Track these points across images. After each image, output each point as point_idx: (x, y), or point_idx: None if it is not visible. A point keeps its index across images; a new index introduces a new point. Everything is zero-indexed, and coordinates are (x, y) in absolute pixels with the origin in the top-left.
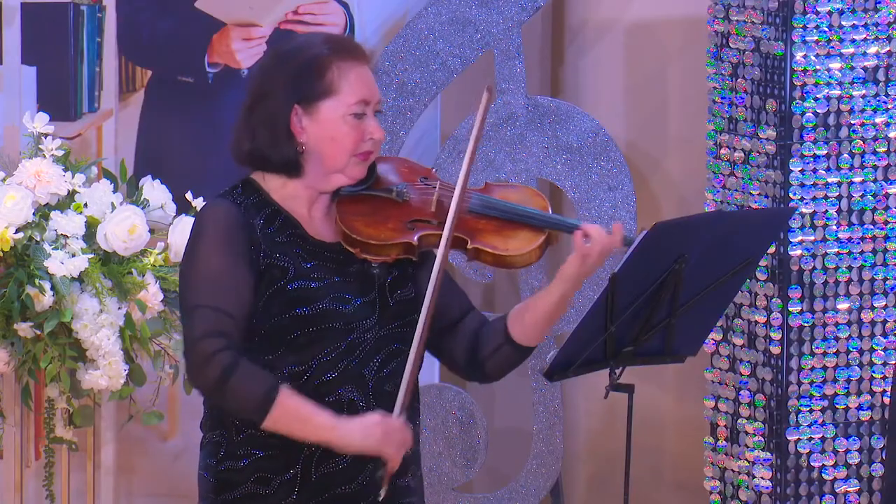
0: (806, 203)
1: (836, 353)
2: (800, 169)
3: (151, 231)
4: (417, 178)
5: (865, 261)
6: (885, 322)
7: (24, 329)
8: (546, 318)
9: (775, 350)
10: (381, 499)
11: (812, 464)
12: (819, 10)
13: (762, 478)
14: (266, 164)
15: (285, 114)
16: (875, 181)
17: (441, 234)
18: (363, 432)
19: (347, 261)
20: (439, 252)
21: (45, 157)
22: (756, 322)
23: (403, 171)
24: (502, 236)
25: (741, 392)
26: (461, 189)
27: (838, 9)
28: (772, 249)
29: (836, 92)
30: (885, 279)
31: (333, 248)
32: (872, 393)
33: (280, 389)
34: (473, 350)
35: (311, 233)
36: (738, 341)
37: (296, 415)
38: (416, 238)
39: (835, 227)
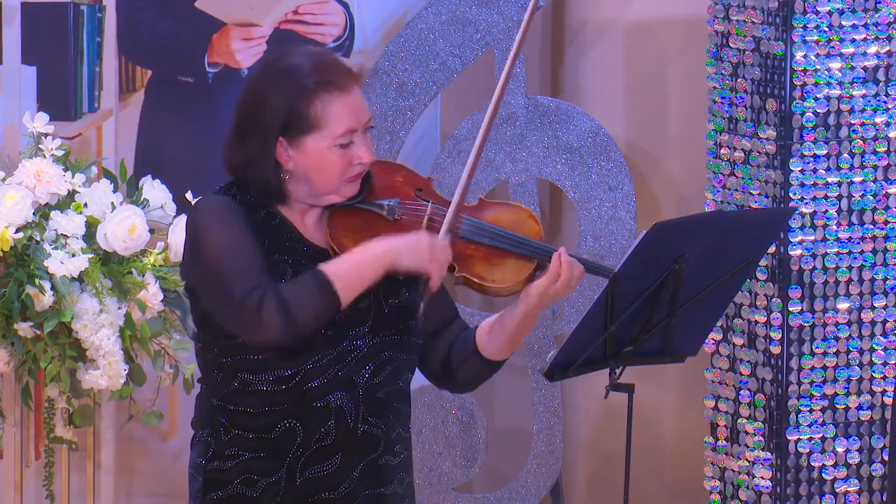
0: (806, 203)
1: (836, 353)
2: (800, 169)
3: (151, 231)
4: (412, 190)
5: (865, 261)
6: (885, 322)
7: (24, 329)
8: (510, 335)
9: (775, 350)
10: (420, 314)
11: (812, 464)
12: (819, 9)
13: (762, 478)
14: (249, 186)
15: (271, 145)
16: (875, 181)
17: None
18: (412, 247)
19: None
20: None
21: (45, 156)
22: (756, 322)
23: (398, 183)
24: (490, 265)
25: (741, 392)
26: (457, 203)
27: (838, 9)
28: (772, 249)
29: (836, 92)
30: (885, 279)
31: (327, 254)
32: (872, 393)
33: (323, 272)
34: (447, 359)
35: (306, 237)
36: (738, 341)
37: (349, 274)
38: None
39: (835, 227)
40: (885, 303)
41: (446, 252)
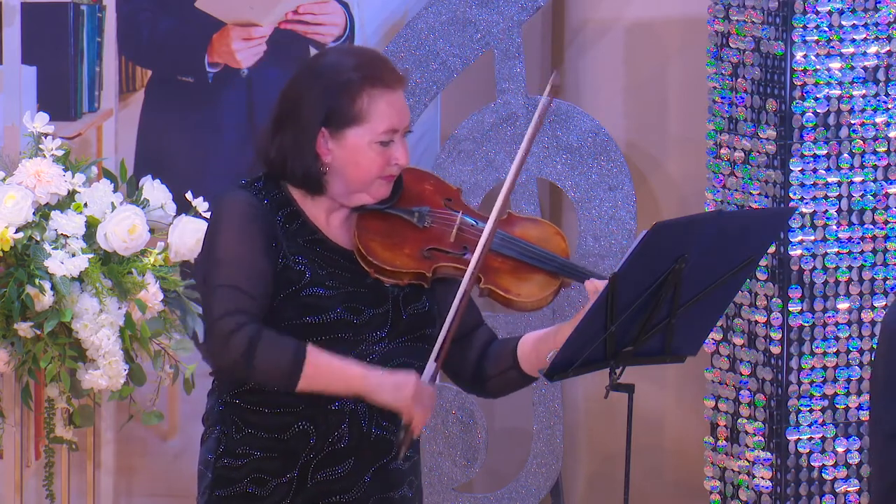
0: (806, 203)
1: (836, 353)
2: (800, 169)
3: (151, 231)
4: (442, 199)
5: (865, 261)
6: None
7: (24, 329)
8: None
9: (775, 350)
10: (399, 458)
11: (812, 464)
12: (819, 9)
13: (762, 478)
14: (288, 177)
15: (312, 135)
16: (875, 181)
17: (457, 265)
18: (396, 386)
19: (363, 271)
20: (463, 281)
21: (45, 156)
22: (756, 322)
23: (428, 191)
24: (516, 278)
25: (741, 392)
26: (492, 228)
27: (838, 9)
28: (772, 249)
29: (836, 92)
30: (885, 279)
31: (350, 256)
32: None
33: (305, 351)
34: (479, 366)
35: (329, 238)
36: (738, 341)
37: (328, 371)
38: (430, 270)
39: (835, 227)
40: (885, 303)
41: (432, 398)
